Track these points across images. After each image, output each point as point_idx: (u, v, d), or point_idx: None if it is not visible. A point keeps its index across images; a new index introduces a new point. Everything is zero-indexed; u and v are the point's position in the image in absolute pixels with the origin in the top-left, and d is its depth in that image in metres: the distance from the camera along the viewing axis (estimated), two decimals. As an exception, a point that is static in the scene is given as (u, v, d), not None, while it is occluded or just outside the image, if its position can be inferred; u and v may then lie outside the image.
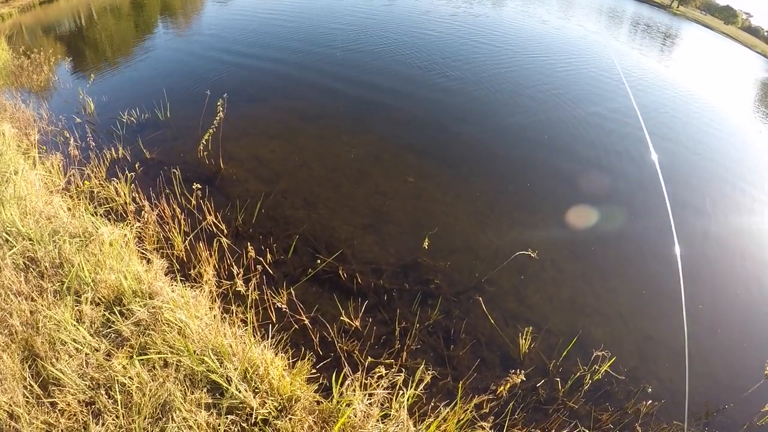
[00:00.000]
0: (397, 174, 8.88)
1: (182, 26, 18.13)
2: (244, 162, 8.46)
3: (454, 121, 11.64)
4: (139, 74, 12.21)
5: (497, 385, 4.74)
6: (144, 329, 4.25)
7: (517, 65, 17.64)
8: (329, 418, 3.93)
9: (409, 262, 6.73)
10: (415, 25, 20.73)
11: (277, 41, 16.07)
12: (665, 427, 5.06)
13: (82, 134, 8.22)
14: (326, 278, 6.19)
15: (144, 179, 7.35)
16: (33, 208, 5.57)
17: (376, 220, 7.51)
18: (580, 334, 5.92)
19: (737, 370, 6.09)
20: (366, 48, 16.57)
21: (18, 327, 3.99)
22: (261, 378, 4.03)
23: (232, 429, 3.63)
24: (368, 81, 13.49)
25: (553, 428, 4.68)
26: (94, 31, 16.46)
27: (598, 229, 8.31)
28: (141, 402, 3.58)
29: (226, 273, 5.76)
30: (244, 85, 11.81)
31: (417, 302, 5.99)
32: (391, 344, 5.40)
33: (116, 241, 5.24)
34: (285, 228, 7.01)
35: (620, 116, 14.08)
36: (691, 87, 22.06)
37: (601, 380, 5.41)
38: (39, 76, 10.91)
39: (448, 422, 4.16)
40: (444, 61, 16.29)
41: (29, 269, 4.71)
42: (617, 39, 33.08)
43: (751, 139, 17.42)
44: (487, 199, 8.69)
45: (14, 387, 3.52)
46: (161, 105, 9.59)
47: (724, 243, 8.88)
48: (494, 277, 6.65)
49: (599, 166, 10.87)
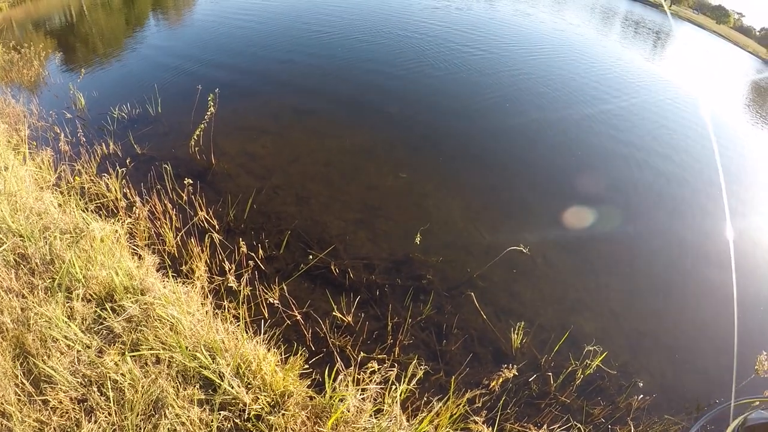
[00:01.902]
0: (389, 169, 8.88)
1: (174, 21, 18.02)
2: (236, 157, 8.43)
3: (446, 117, 11.63)
4: (130, 69, 12.12)
5: (489, 380, 4.74)
6: (136, 325, 4.23)
7: (508, 62, 17.65)
8: (322, 414, 3.94)
9: (401, 257, 6.74)
10: (408, 19, 20.65)
11: (269, 37, 15.98)
12: (656, 422, 5.10)
13: (73, 130, 8.15)
14: (318, 273, 6.19)
15: (135, 175, 7.31)
16: (23, 204, 5.53)
17: (368, 216, 7.51)
18: (571, 329, 5.95)
19: (729, 366, 6.13)
20: (359, 43, 16.51)
21: (9, 324, 3.96)
22: (254, 374, 4.03)
23: (225, 425, 3.63)
24: (360, 76, 13.47)
25: (545, 423, 4.70)
26: (85, 26, 16.32)
27: (588, 225, 8.36)
28: (133, 399, 3.57)
29: (218, 269, 5.74)
30: (236, 81, 11.74)
31: (409, 297, 6.00)
32: (384, 339, 5.42)
33: (107, 237, 5.21)
34: (277, 223, 7.00)
35: (615, 117, 14.16)
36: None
37: (593, 375, 5.44)
38: (29, 71, 10.80)
39: (440, 417, 4.18)
40: (436, 57, 16.24)
41: (20, 266, 4.68)
42: (608, 36, 33.16)
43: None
44: (478, 195, 8.72)
45: (6, 385, 3.50)
46: (152, 100, 9.53)
47: (716, 237, 8.95)
48: (486, 272, 6.67)
49: (590, 164, 10.92)
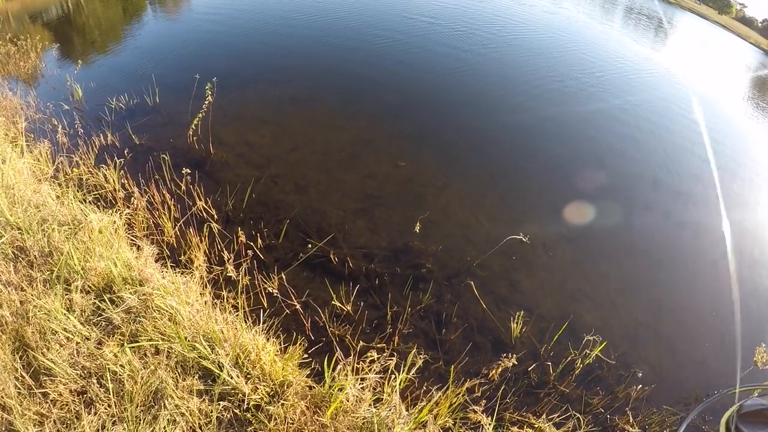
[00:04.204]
0: (389, 158, 8.84)
1: (171, 11, 17.88)
2: (234, 147, 8.39)
3: (446, 106, 11.57)
4: (127, 60, 12.02)
5: (489, 369, 4.76)
6: (135, 317, 4.23)
7: (509, 50, 17.56)
8: (321, 403, 3.95)
9: (400, 246, 6.74)
10: (411, 10, 20.47)
11: (268, 25, 15.84)
12: (655, 411, 5.12)
13: (71, 121, 8.10)
14: (317, 263, 6.19)
15: (133, 165, 7.28)
16: (21, 196, 5.51)
17: (368, 205, 7.49)
18: (571, 318, 5.96)
19: (727, 356, 6.14)
20: (358, 32, 16.37)
21: (8, 318, 3.96)
22: (253, 364, 4.04)
23: (225, 415, 3.65)
24: (359, 65, 13.36)
25: (544, 412, 4.72)
26: (82, 17, 16.19)
27: (588, 215, 8.34)
28: (133, 390, 3.58)
29: (217, 258, 5.74)
30: (234, 70, 11.64)
31: (408, 286, 6.00)
32: (383, 329, 5.43)
33: (105, 229, 5.20)
34: (276, 213, 6.99)
35: (616, 109, 14.12)
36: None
37: (592, 365, 5.46)
38: (26, 63, 10.73)
39: (440, 406, 4.19)
40: (434, 45, 16.16)
41: (18, 259, 4.67)
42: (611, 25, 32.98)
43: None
44: (478, 183, 8.69)
45: (5, 378, 3.51)
46: (150, 90, 9.47)
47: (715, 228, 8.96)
48: (486, 261, 6.67)
49: (590, 155, 10.91)
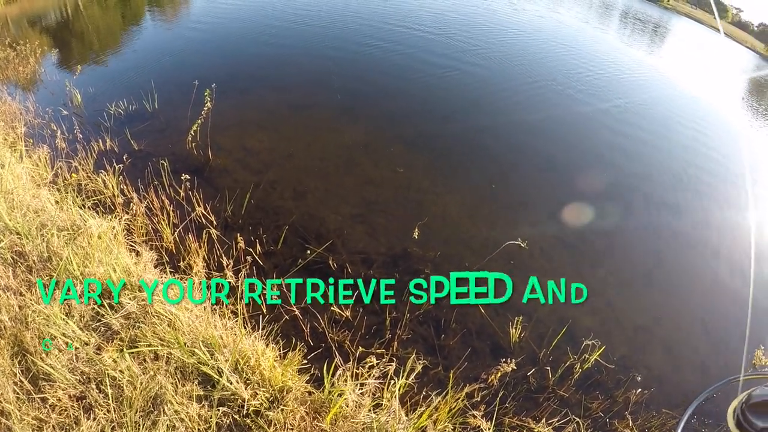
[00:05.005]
0: (387, 164, 8.86)
1: (170, 17, 17.92)
2: (233, 152, 8.40)
3: (444, 112, 11.62)
4: (126, 65, 12.04)
5: (488, 374, 4.75)
6: (134, 322, 4.23)
7: (506, 56, 17.59)
8: (321, 408, 3.95)
9: (399, 251, 6.74)
10: (408, 15, 20.53)
11: (266, 32, 15.87)
12: (654, 416, 5.12)
13: (70, 126, 8.10)
14: (316, 268, 6.18)
15: (132, 171, 7.27)
16: (20, 201, 5.51)
17: (366, 210, 7.50)
18: (569, 323, 5.95)
19: (728, 360, 6.16)
20: (356, 37, 16.41)
21: (7, 322, 3.95)
22: (252, 369, 4.03)
23: (224, 420, 3.64)
24: (357, 71, 13.41)
25: (543, 416, 4.72)
26: (81, 23, 16.22)
27: (586, 220, 8.35)
28: (132, 395, 3.57)
29: (216, 264, 5.73)
30: (233, 76, 11.66)
31: (407, 292, 5.99)
32: (382, 334, 5.43)
33: (105, 234, 5.19)
34: (274, 218, 6.99)
35: (615, 110, 14.17)
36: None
37: (591, 369, 5.45)
38: (25, 69, 10.73)
39: (439, 411, 4.18)
40: (432, 51, 16.20)
41: (17, 264, 4.67)
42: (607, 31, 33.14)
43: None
44: (476, 189, 8.70)
45: (4, 383, 3.49)
46: (149, 96, 9.47)
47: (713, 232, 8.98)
48: (484, 266, 6.66)
49: (589, 160, 10.94)
